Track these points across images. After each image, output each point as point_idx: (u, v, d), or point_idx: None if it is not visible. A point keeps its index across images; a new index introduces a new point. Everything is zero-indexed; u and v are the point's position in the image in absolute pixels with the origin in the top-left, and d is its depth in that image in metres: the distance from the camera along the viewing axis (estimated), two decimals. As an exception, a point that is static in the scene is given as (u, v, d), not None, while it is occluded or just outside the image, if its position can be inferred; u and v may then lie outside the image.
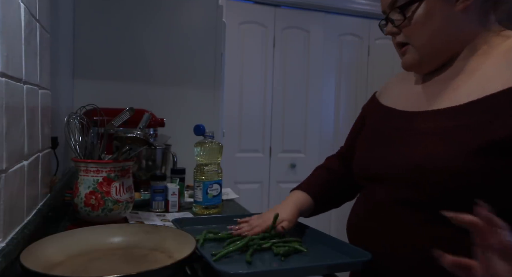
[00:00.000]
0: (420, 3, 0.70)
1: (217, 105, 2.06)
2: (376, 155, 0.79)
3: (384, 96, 0.90)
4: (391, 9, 0.74)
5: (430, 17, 0.70)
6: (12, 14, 0.70)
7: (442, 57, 0.75)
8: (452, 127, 0.67)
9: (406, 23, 0.72)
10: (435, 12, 0.70)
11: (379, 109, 0.87)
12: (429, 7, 0.70)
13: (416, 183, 0.68)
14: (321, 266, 0.73)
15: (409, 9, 0.71)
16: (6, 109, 0.65)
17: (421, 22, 0.71)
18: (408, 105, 0.79)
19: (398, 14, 0.73)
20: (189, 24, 2.03)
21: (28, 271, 0.61)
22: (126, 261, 0.76)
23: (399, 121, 0.78)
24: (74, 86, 1.89)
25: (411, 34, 0.73)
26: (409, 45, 0.75)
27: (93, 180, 0.99)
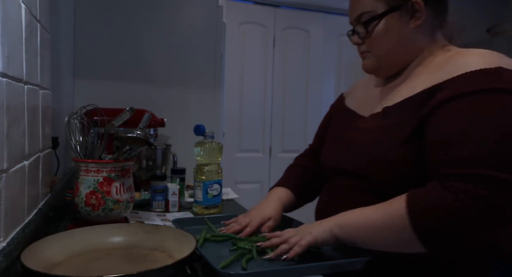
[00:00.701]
0: (380, 20, 0.82)
1: (217, 105, 2.06)
2: (335, 151, 0.93)
3: (349, 97, 1.03)
4: (357, 23, 0.86)
5: (388, 32, 0.83)
6: (12, 14, 0.70)
7: (397, 66, 0.87)
8: (385, 125, 0.80)
9: (368, 36, 0.85)
10: (392, 28, 0.82)
11: (342, 110, 1.00)
12: (388, 24, 0.82)
13: (364, 173, 0.81)
14: (321, 266, 0.73)
15: (371, 24, 0.83)
16: (7, 110, 0.65)
17: (380, 36, 0.83)
18: (364, 107, 0.92)
19: (362, 28, 0.85)
20: (189, 25, 2.04)
21: (29, 270, 0.61)
22: (127, 260, 0.77)
23: (353, 124, 0.91)
24: (75, 86, 1.89)
25: (372, 45, 0.86)
26: (369, 52, 0.88)
27: (94, 180, 0.99)
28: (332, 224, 0.76)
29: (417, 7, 0.80)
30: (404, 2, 0.81)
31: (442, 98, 0.71)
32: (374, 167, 0.79)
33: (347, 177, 0.86)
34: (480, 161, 0.64)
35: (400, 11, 0.81)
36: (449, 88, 0.71)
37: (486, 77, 0.69)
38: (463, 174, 0.65)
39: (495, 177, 0.62)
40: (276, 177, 3.33)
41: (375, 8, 0.82)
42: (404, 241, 0.69)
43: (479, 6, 3.37)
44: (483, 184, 0.63)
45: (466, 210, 0.63)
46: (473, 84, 0.69)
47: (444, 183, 0.66)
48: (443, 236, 0.65)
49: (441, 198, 0.65)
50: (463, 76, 0.71)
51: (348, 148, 0.87)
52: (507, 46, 2.47)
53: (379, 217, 0.71)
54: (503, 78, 0.68)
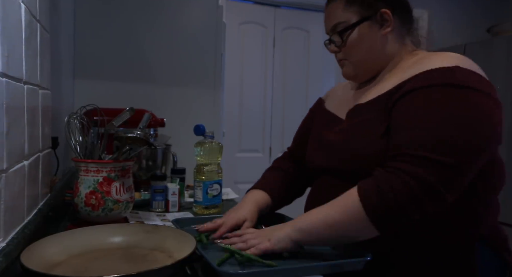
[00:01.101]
0: (354, 30, 0.89)
1: (217, 105, 2.06)
2: (318, 151, 0.98)
3: (328, 100, 1.09)
4: (333, 33, 0.93)
5: (361, 40, 0.90)
6: (12, 14, 0.70)
7: (372, 71, 0.93)
8: (358, 122, 0.87)
9: (344, 44, 0.91)
10: (365, 36, 0.89)
11: (322, 113, 1.06)
12: (360, 33, 0.89)
13: (347, 169, 0.86)
14: (321, 266, 0.73)
15: (345, 34, 0.90)
16: (6, 110, 0.65)
17: (354, 44, 0.90)
18: (342, 109, 0.97)
19: (338, 37, 0.92)
20: (189, 25, 2.04)
21: (29, 271, 0.61)
22: (126, 260, 0.76)
23: (331, 123, 0.97)
24: (75, 86, 1.89)
25: (348, 53, 0.92)
26: (346, 60, 0.94)
27: (94, 180, 0.99)
28: (289, 230, 0.78)
29: (386, 17, 0.88)
30: (373, 13, 0.88)
31: (402, 92, 0.79)
32: (355, 163, 0.84)
33: (332, 175, 0.90)
34: (421, 144, 0.71)
35: (370, 21, 0.89)
36: (409, 84, 0.79)
37: (441, 74, 0.76)
38: (405, 154, 0.72)
39: (431, 158, 0.69)
40: (276, 177, 3.26)
41: (349, 18, 0.89)
42: (361, 229, 0.74)
43: (480, 6, 3.37)
44: (420, 164, 0.70)
45: (408, 189, 0.69)
46: (429, 79, 0.77)
47: (389, 165, 0.73)
48: (392, 215, 0.71)
49: (386, 180, 0.71)
50: (423, 73, 0.79)
51: (329, 148, 0.92)
52: (507, 46, 2.47)
53: (335, 212, 0.76)
54: (455, 75, 0.75)
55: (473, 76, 0.76)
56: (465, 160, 0.71)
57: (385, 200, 0.70)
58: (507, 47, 2.45)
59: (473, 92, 0.74)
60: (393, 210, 0.70)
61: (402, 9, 0.91)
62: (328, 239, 0.78)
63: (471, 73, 0.76)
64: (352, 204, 0.74)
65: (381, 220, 0.72)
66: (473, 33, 3.30)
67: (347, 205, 0.75)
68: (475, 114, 0.73)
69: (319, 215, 0.78)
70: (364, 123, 0.85)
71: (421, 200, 0.69)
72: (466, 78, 0.75)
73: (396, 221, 0.72)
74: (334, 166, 0.90)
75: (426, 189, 0.69)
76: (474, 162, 0.73)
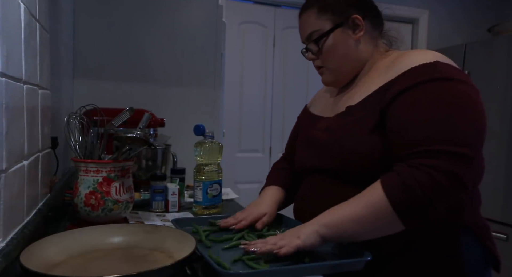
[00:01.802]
0: (328, 36, 0.93)
1: (217, 105, 2.06)
2: (307, 152, 1.00)
3: (313, 106, 1.14)
4: (308, 41, 0.97)
5: (336, 46, 0.94)
6: (12, 14, 0.70)
7: (350, 74, 0.98)
8: (349, 121, 0.89)
9: (320, 51, 0.96)
10: (340, 42, 0.93)
11: (308, 117, 1.10)
12: (335, 39, 0.93)
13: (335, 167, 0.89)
14: (321, 266, 0.73)
15: (321, 41, 0.94)
16: (6, 109, 0.65)
17: (330, 50, 0.94)
18: (327, 111, 1.01)
19: (314, 45, 0.96)
20: (189, 24, 2.03)
21: (28, 271, 0.61)
22: (126, 261, 0.76)
23: (320, 125, 0.99)
24: (74, 86, 1.89)
25: (325, 59, 0.97)
26: (324, 67, 0.99)
27: (93, 180, 0.99)
28: (315, 226, 0.78)
29: (357, 22, 0.93)
30: (345, 19, 0.93)
31: (395, 92, 0.81)
32: (346, 161, 0.86)
33: (322, 173, 0.93)
34: (438, 138, 0.73)
35: (343, 27, 0.93)
36: (400, 82, 0.82)
37: (427, 70, 0.80)
38: (425, 151, 0.73)
39: (452, 151, 0.72)
40: (276, 177, 3.25)
41: (322, 26, 0.94)
42: (388, 224, 0.75)
43: (481, 5, 3.37)
44: (443, 158, 0.72)
45: (435, 182, 0.71)
46: (418, 76, 0.80)
47: (410, 161, 0.74)
48: (419, 209, 0.72)
49: (411, 175, 0.72)
50: (409, 71, 0.82)
51: (318, 147, 0.95)
52: (507, 46, 2.47)
53: (360, 208, 0.76)
54: (441, 70, 0.79)
55: (453, 69, 0.81)
56: (476, 148, 0.74)
57: (412, 194, 0.71)
58: (507, 47, 2.45)
59: (460, 84, 0.78)
60: (420, 203, 0.71)
61: (371, 13, 0.96)
62: (354, 234, 0.78)
63: (450, 66, 0.81)
64: (378, 199, 0.74)
65: (408, 214, 0.73)
66: (474, 33, 3.30)
67: (372, 201, 0.75)
68: (469, 103, 0.77)
69: (344, 211, 0.78)
70: (353, 122, 0.87)
71: (447, 191, 0.71)
72: (449, 71, 0.79)
73: (423, 214, 0.72)
74: (324, 164, 0.92)
75: (450, 179, 0.71)
76: (480, 149, 0.77)
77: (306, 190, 1.00)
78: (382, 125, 0.83)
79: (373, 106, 0.85)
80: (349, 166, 0.86)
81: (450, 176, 0.71)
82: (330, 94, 1.08)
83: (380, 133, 0.83)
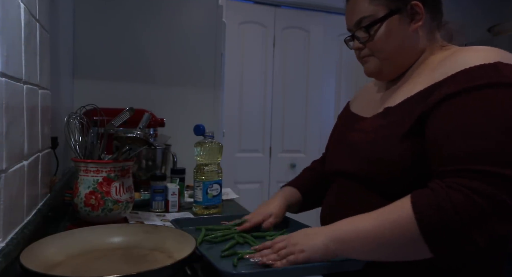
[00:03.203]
0: (382, 24, 0.83)
1: (217, 105, 2.06)
2: (338, 153, 0.93)
3: (354, 103, 1.05)
4: (357, 28, 0.87)
5: (390, 35, 0.84)
6: (12, 14, 0.70)
7: (399, 68, 0.88)
8: (384, 124, 0.81)
9: (370, 40, 0.85)
10: (394, 31, 0.83)
11: (347, 115, 1.02)
12: (389, 27, 0.83)
13: (365, 172, 0.81)
14: (321, 266, 0.73)
15: (372, 28, 0.84)
16: (6, 109, 0.65)
17: (383, 39, 0.84)
18: (367, 110, 0.93)
19: (363, 33, 0.86)
20: (189, 24, 2.03)
21: (28, 271, 0.61)
22: (126, 261, 0.76)
23: (356, 125, 0.92)
24: (74, 86, 1.89)
25: (375, 49, 0.86)
26: (372, 56, 0.88)
27: (93, 180, 0.99)
28: (327, 239, 0.72)
29: (417, 10, 0.82)
30: (403, 5, 0.82)
31: (442, 94, 0.71)
32: (374, 166, 0.79)
33: (349, 178, 0.86)
34: (483, 156, 0.63)
35: (400, 14, 0.83)
36: (449, 85, 0.71)
37: (485, 73, 0.68)
38: (467, 170, 0.64)
39: (499, 173, 0.62)
40: (276, 177, 3.31)
41: (375, 12, 0.83)
42: (412, 248, 0.66)
43: (481, 5, 3.37)
44: (487, 180, 0.62)
45: (474, 207, 0.61)
46: (473, 79, 0.69)
47: (448, 180, 0.65)
48: (452, 236, 0.62)
49: (447, 196, 0.63)
50: (462, 72, 0.71)
51: (350, 149, 0.88)
52: (508, 46, 2.47)
53: (382, 224, 0.68)
54: (502, 73, 0.68)
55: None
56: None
57: (446, 219, 0.62)
58: (508, 47, 2.45)
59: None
60: (455, 231, 0.62)
61: (433, 1, 0.85)
62: (371, 253, 0.70)
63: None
64: (404, 217, 0.65)
65: (438, 242, 0.63)
66: (474, 33, 3.30)
67: (397, 218, 0.66)
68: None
69: (363, 226, 0.70)
70: (387, 126, 0.80)
71: (488, 218, 0.61)
72: None
73: (455, 243, 0.62)
74: (352, 168, 0.84)
75: (494, 205, 0.61)
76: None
77: (331, 195, 0.94)
78: (419, 132, 0.74)
79: (411, 110, 0.76)
80: (375, 173, 0.78)
81: (493, 202, 0.61)
82: (374, 91, 0.98)
83: (414, 141, 0.74)
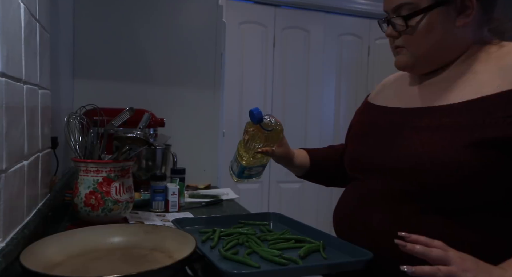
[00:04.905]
0: (424, 16, 0.74)
1: (217, 105, 2.06)
2: (371, 148, 0.83)
3: (376, 97, 0.94)
4: (395, 14, 0.78)
5: (431, 29, 0.74)
6: (12, 14, 0.70)
7: (435, 64, 0.80)
8: (447, 123, 0.71)
9: (408, 31, 0.77)
10: (436, 25, 0.74)
11: (370, 109, 0.92)
12: (432, 21, 0.74)
13: (414, 175, 0.72)
14: (321, 266, 0.73)
15: (412, 19, 0.75)
16: (6, 109, 0.65)
17: (422, 33, 0.75)
18: (402, 104, 0.83)
19: (402, 21, 0.76)
20: (189, 24, 2.03)
21: (28, 271, 0.61)
22: (126, 261, 0.76)
23: (393, 117, 0.82)
24: (74, 86, 1.88)
25: (411, 41, 0.78)
26: (404, 48, 0.79)
27: (93, 180, 0.99)
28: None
29: (468, 3, 0.73)
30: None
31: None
32: (427, 168, 0.69)
33: (385, 178, 0.77)
34: None
35: (446, 7, 0.73)
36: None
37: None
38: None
39: None
40: (276, 177, 3.31)
41: (418, 1, 0.74)
42: None
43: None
44: None
45: None
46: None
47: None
48: None
49: None
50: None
51: (391, 144, 0.78)
52: None
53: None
54: None
55: None
56: None
57: None
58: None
59: None
60: None
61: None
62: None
63: None
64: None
65: None
66: None
67: None
68: None
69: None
70: (449, 125, 0.70)
71: None
72: None
73: None
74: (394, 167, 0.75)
75: None
76: None
77: (352, 195, 0.84)
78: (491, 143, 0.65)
79: (485, 113, 0.67)
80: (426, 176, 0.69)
81: None
82: (403, 84, 0.88)
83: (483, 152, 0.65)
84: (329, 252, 0.82)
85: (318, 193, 3.03)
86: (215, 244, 0.84)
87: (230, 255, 0.77)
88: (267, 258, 0.76)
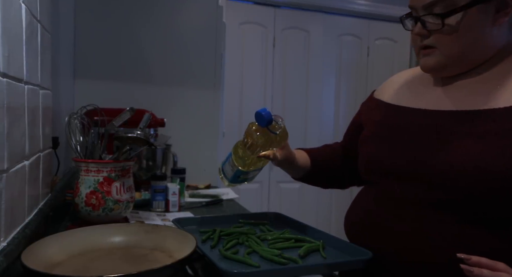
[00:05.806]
0: (465, 14, 0.69)
1: (217, 105, 2.06)
2: (397, 151, 0.77)
3: (389, 96, 0.87)
4: (427, 11, 0.72)
5: (467, 29, 0.69)
6: (13, 14, 0.70)
7: (466, 66, 0.74)
8: (492, 130, 0.67)
9: (443, 30, 0.71)
10: (474, 25, 0.69)
11: (385, 108, 0.85)
12: (469, 20, 0.69)
13: (452, 183, 0.67)
14: (321, 265, 0.73)
15: (449, 17, 0.70)
16: (7, 110, 0.65)
17: (457, 33, 0.70)
18: (429, 106, 0.77)
19: (435, 19, 0.71)
20: (189, 24, 2.04)
21: (29, 270, 0.61)
22: (127, 260, 0.77)
23: (424, 120, 0.76)
24: (75, 86, 1.89)
25: (444, 41, 0.72)
26: (435, 48, 0.74)
27: (94, 180, 0.99)
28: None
29: (508, 0, 0.68)
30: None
31: None
32: (468, 177, 0.65)
33: (414, 184, 0.72)
34: None
35: (486, 4, 0.68)
36: None
37: None
38: None
39: None
40: (276, 177, 3.30)
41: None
42: None
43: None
44: None
45: None
46: None
47: None
48: None
49: None
50: None
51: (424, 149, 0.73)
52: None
53: None
54: None
55: None
56: None
57: None
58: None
59: None
60: None
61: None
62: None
63: None
64: None
65: None
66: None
67: None
68: None
69: None
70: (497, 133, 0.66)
71: None
72: None
73: None
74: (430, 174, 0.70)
75: None
76: None
77: (370, 198, 0.80)
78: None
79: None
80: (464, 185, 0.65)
81: None
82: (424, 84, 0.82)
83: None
84: (329, 251, 0.82)
85: (318, 193, 3.03)
86: (215, 244, 0.84)
87: (230, 254, 0.77)
88: (267, 258, 0.76)
